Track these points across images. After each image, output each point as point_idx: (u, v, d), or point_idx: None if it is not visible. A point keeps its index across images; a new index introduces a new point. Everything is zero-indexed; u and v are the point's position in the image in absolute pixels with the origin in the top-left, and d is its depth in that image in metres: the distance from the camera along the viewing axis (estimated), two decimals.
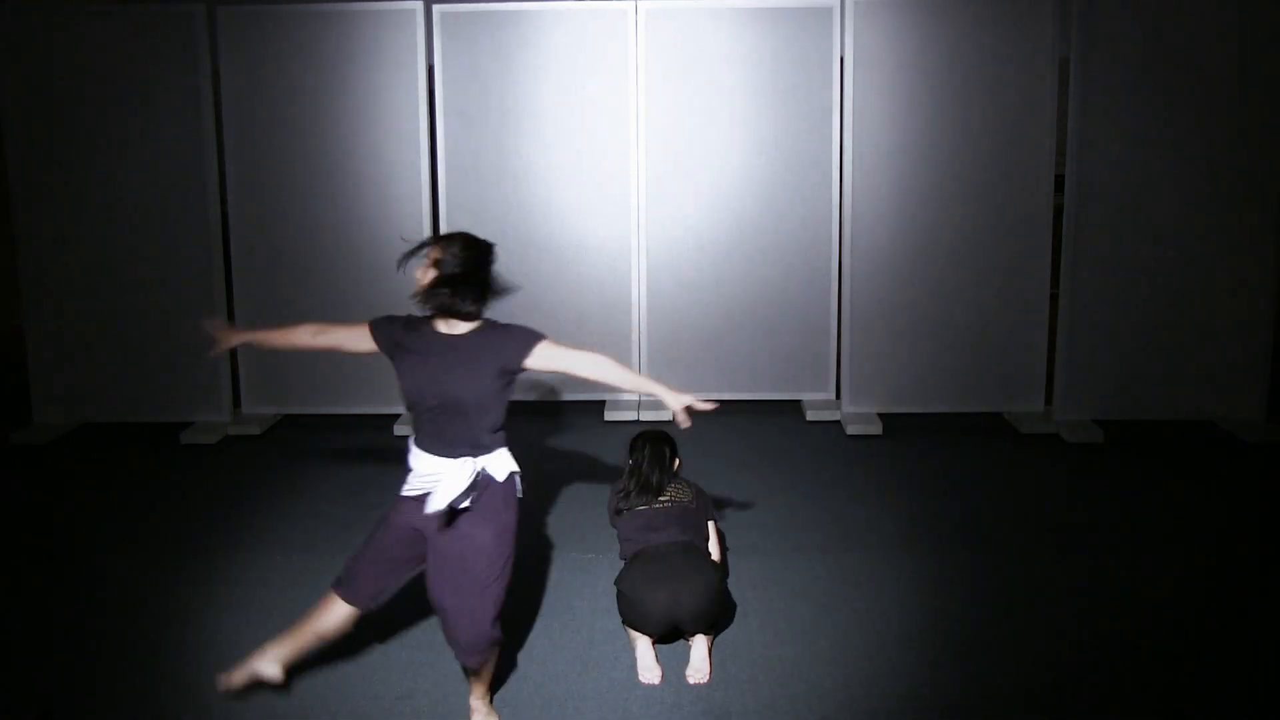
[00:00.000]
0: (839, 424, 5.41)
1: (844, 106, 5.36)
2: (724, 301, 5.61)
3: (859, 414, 5.45)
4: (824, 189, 5.51)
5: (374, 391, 5.51)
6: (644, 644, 3.04)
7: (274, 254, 5.47)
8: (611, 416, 5.53)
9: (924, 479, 4.60)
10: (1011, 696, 2.87)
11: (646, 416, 5.51)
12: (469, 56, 5.45)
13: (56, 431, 5.41)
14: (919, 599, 3.44)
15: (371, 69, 5.36)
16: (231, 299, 5.50)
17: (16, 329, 5.58)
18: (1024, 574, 3.62)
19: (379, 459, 4.87)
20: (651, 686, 2.95)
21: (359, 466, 4.83)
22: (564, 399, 5.71)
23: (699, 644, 3.04)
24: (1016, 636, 3.19)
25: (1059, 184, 5.28)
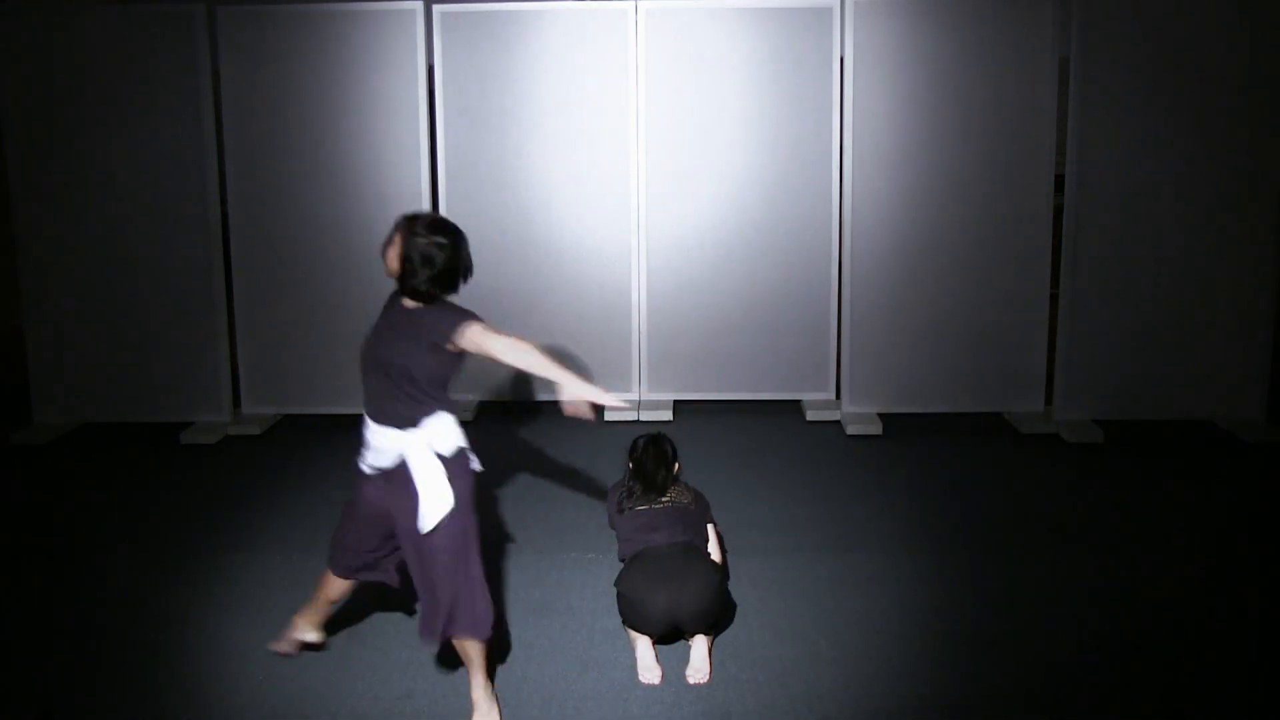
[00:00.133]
0: (839, 424, 5.41)
1: (844, 106, 5.36)
2: (724, 301, 5.61)
3: (859, 414, 5.45)
4: (824, 189, 5.51)
5: None
6: (644, 644, 3.04)
7: (274, 254, 5.47)
8: (612, 416, 5.53)
9: (924, 479, 4.60)
10: (1011, 696, 2.87)
11: (646, 416, 5.51)
12: (469, 56, 5.45)
13: (56, 431, 5.41)
14: (919, 599, 3.44)
15: (371, 69, 5.36)
16: (231, 299, 5.50)
17: (16, 329, 5.58)
18: (1024, 574, 3.62)
19: None
20: (651, 686, 2.95)
21: None
22: (564, 399, 5.70)
23: (699, 644, 3.04)
24: (1016, 636, 3.19)
25: (1059, 184, 5.28)
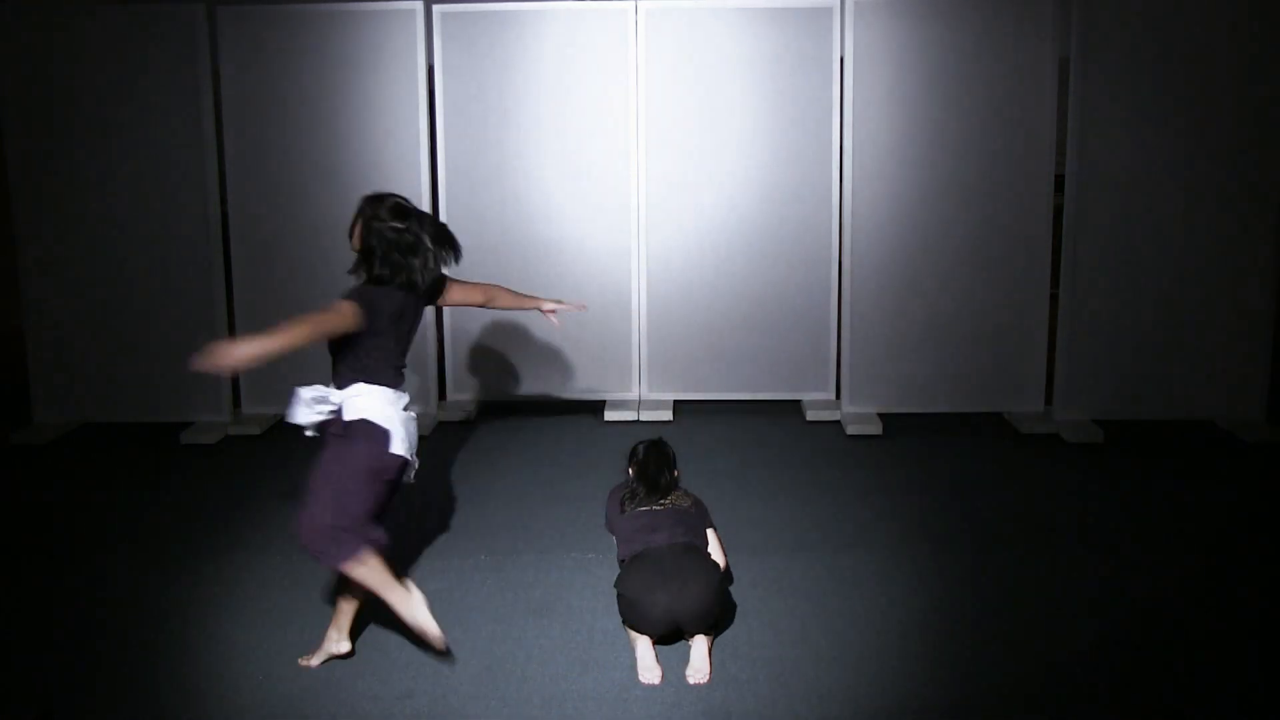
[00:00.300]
0: (839, 424, 5.41)
1: (844, 106, 5.36)
2: (724, 301, 5.61)
3: (859, 414, 5.45)
4: (824, 189, 5.51)
5: None
6: (644, 644, 3.04)
7: (274, 254, 5.47)
8: (611, 416, 5.53)
9: (924, 479, 4.60)
10: (1011, 696, 2.87)
11: (646, 416, 5.51)
12: (469, 56, 5.45)
13: (56, 431, 5.41)
14: (919, 599, 3.44)
15: (371, 69, 5.36)
16: (231, 299, 5.50)
17: (16, 329, 5.58)
18: (1024, 574, 3.62)
19: None
20: (651, 686, 2.94)
21: None
22: (564, 399, 5.72)
23: (699, 644, 3.04)
24: (1016, 636, 3.19)
25: (1059, 184, 5.28)
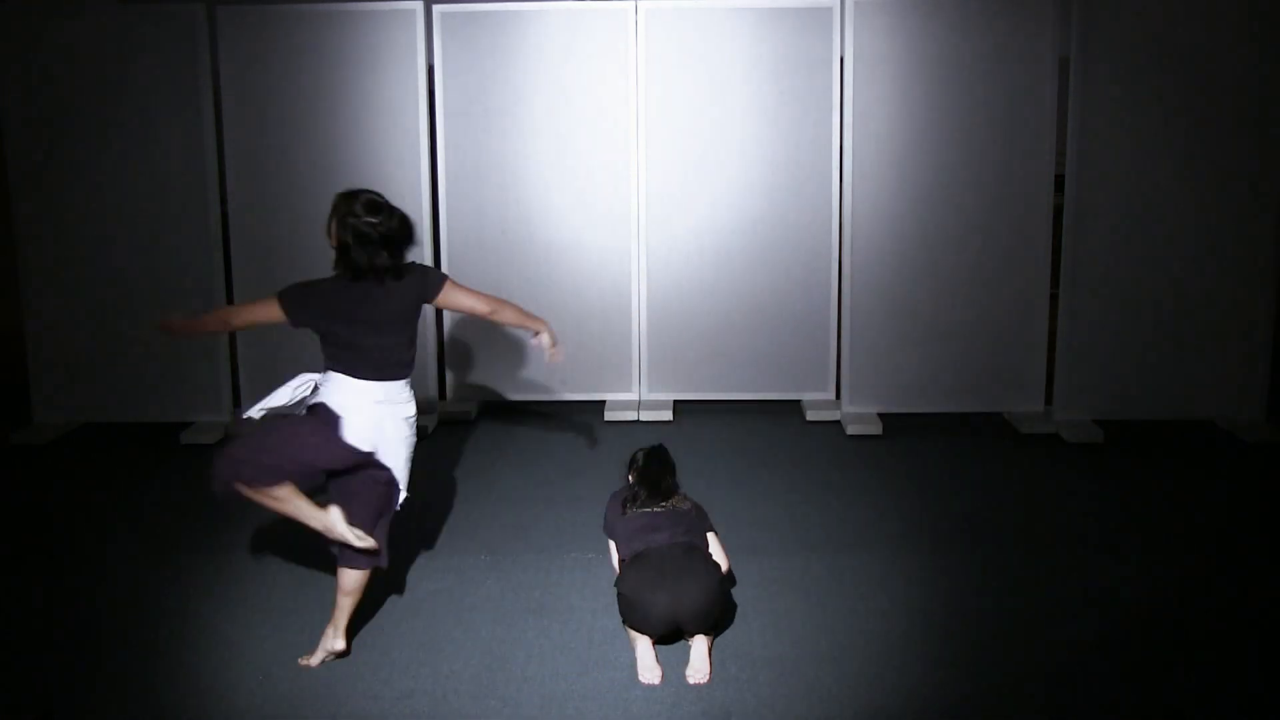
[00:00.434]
0: (839, 424, 5.41)
1: (844, 106, 5.36)
2: (724, 301, 5.61)
3: (859, 414, 5.45)
4: (824, 189, 5.51)
5: None
6: (644, 644, 3.04)
7: (274, 254, 5.46)
8: (611, 416, 5.53)
9: (924, 479, 4.60)
10: (1011, 696, 2.87)
11: (646, 417, 5.51)
12: (469, 56, 5.45)
13: (56, 431, 5.41)
14: (919, 599, 3.44)
15: (371, 69, 5.36)
16: (231, 299, 5.50)
17: (16, 329, 5.58)
18: (1024, 574, 3.62)
19: None
20: (651, 686, 2.94)
21: None
22: (564, 399, 5.71)
23: (699, 644, 3.04)
24: (1016, 636, 3.19)
25: (1059, 184, 5.28)
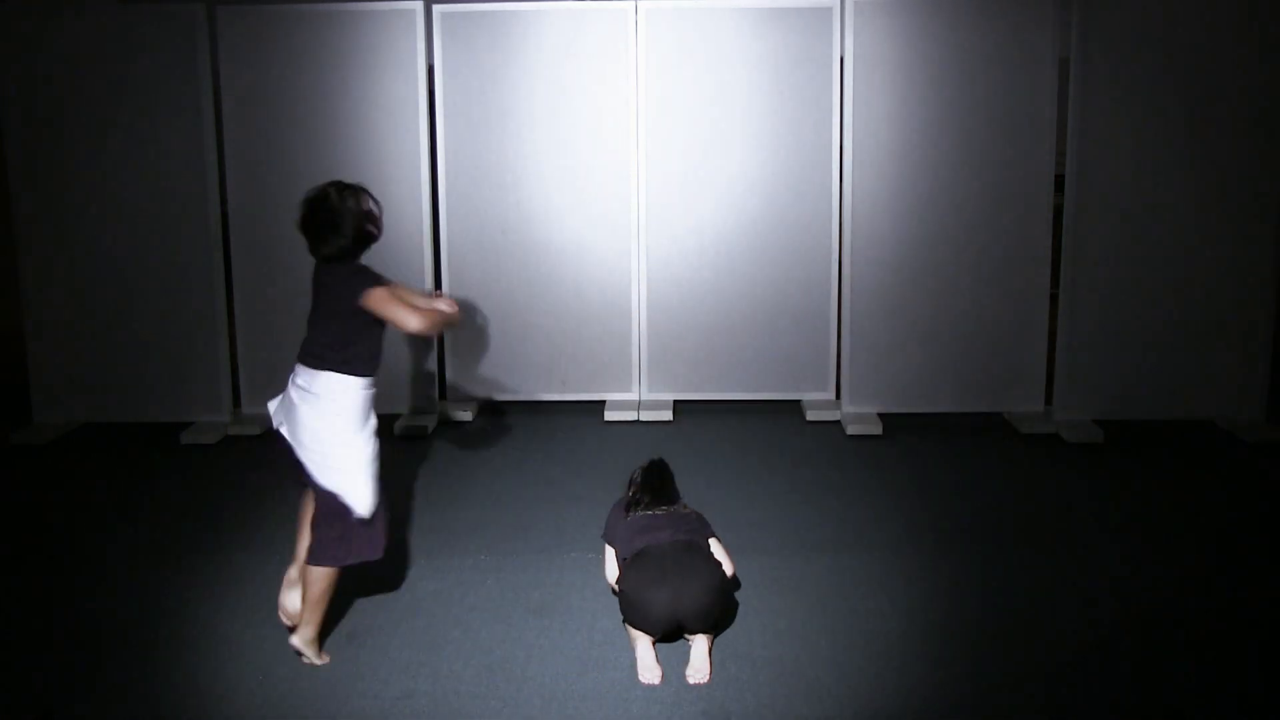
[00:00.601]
0: (839, 424, 5.41)
1: (844, 106, 5.36)
2: (724, 301, 5.61)
3: (859, 414, 5.45)
4: (824, 189, 5.51)
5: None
6: (644, 644, 3.04)
7: (274, 254, 5.45)
8: (611, 416, 5.53)
9: (924, 479, 4.60)
10: (1011, 696, 2.87)
11: (646, 417, 5.51)
12: (469, 56, 5.45)
13: (56, 431, 5.41)
14: (919, 599, 3.44)
15: (371, 69, 5.36)
16: (232, 299, 5.50)
17: (16, 329, 5.58)
18: (1024, 574, 3.62)
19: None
20: (651, 686, 2.95)
21: None
22: (564, 399, 5.71)
23: (699, 644, 3.04)
24: (1016, 636, 3.19)
25: (1059, 184, 5.28)
